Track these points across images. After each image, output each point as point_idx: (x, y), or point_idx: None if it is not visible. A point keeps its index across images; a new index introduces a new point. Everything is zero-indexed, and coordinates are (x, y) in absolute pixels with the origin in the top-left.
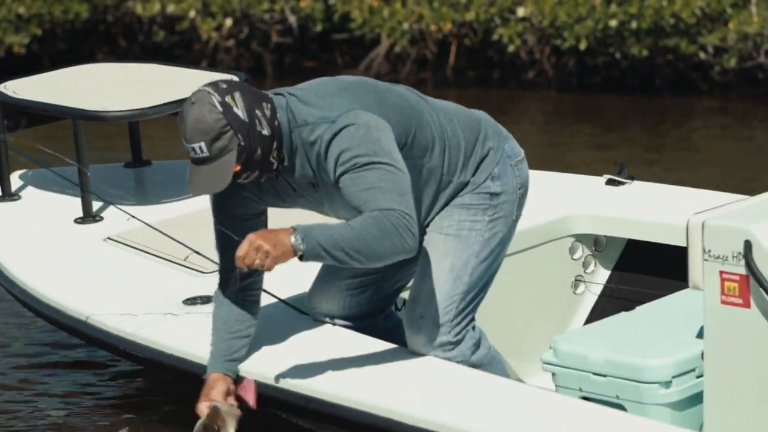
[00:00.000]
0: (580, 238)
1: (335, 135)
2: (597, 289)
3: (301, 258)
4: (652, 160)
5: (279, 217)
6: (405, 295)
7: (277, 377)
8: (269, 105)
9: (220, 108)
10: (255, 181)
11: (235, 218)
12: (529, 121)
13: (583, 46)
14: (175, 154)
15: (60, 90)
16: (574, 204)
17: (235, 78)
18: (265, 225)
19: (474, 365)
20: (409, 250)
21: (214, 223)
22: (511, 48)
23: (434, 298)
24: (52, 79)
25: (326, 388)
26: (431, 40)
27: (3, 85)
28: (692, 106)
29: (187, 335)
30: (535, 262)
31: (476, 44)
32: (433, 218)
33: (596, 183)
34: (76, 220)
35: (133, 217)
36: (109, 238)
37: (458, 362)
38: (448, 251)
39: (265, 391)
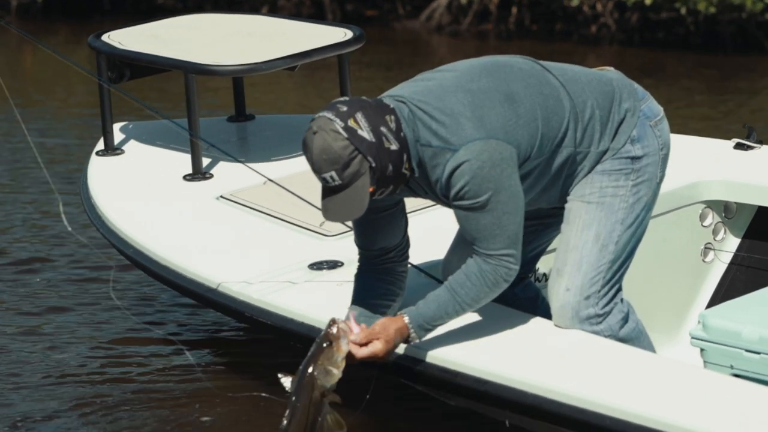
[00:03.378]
0: (711, 204)
1: (456, 169)
2: (726, 258)
3: None
4: (714, 118)
5: None
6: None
7: (414, 348)
8: (393, 117)
9: (344, 134)
10: (391, 194)
11: (371, 210)
12: None
13: (648, 1)
14: (275, 108)
15: (167, 42)
16: (704, 169)
17: (348, 32)
18: (403, 212)
19: (622, 340)
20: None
21: None
22: (574, 2)
23: (580, 269)
24: (156, 30)
25: (467, 360)
26: None
27: (107, 35)
28: (755, 66)
29: (316, 301)
30: (665, 228)
31: None
32: (574, 187)
33: (725, 147)
34: (185, 177)
35: (270, 180)
36: (222, 196)
37: (606, 336)
38: (592, 220)
39: (401, 362)
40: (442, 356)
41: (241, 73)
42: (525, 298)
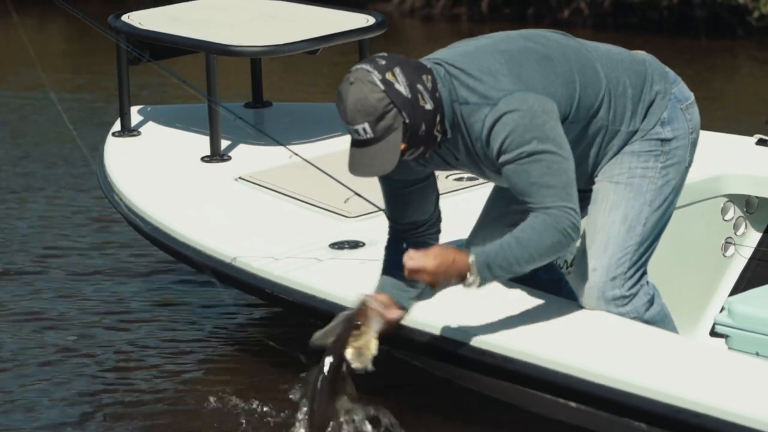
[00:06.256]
0: (733, 198)
1: (497, 120)
2: (747, 252)
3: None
4: None
5: None
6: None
7: (439, 328)
8: (429, 77)
9: (381, 86)
10: (420, 157)
11: (401, 183)
12: None
13: None
14: (291, 98)
15: (188, 23)
16: (727, 163)
17: (371, 18)
18: (434, 186)
19: (647, 322)
20: (573, 246)
21: (380, 181)
22: None
23: (607, 249)
24: (177, 11)
25: (493, 339)
26: None
27: (126, 15)
28: (729, 51)
29: (339, 279)
30: (686, 221)
31: None
32: (603, 167)
33: (746, 143)
34: (203, 159)
35: (296, 154)
36: (240, 178)
37: (631, 318)
38: (620, 200)
39: (423, 340)
40: (468, 334)
41: (263, 54)
42: (548, 281)
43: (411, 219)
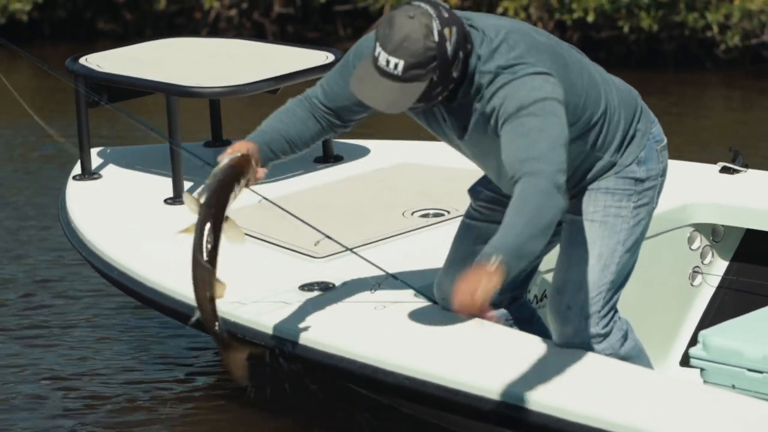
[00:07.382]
0: (699, 227)
1: (512, 80)
2: (714, 281)
3: None
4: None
5: None
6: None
7: (410, 369)
8: (470, 46)
9: (436, 38)
10: (413, 108)
11: (351, 100)
12: None
13: (590, 18)
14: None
15: (147, 64)
16: (692, 192)
17: (330, 56)
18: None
19: (623, 358)
20: (564, 208)
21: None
22: None
23: (582, 288)
24: (135, 53)
25: (468, 379)
26: None
27: (84, 58)
28: (696, 83)
29: (310, 322)
30: (653, 251)
31: None
32: (576, 201)
33: (710, 171)
34: (166, 201)
35: (265, 198)
36: None
37: (607, 355)
38: (595, 239)
39: (394, 381)
40: (440, 374)
41: (224, 95)
42: (520, 319)
43: (333, 108)
